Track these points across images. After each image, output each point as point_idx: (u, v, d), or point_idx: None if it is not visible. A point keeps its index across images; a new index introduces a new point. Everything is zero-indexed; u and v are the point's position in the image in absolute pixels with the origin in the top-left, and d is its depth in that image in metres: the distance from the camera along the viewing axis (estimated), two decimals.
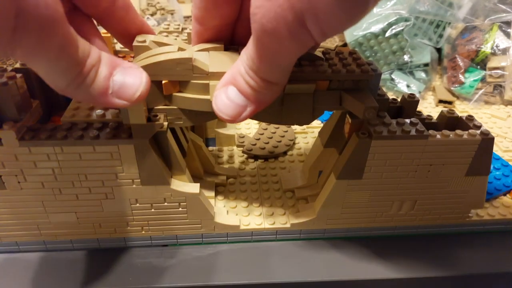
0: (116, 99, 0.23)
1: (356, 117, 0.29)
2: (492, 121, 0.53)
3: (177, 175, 0.31)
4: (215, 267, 0.32)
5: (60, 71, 0.20)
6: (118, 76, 0.22)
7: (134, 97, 0.23)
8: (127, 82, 0.23)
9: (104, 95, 0.22)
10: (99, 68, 0.22)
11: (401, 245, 0.35)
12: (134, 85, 0.23)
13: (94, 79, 0.21)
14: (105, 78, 0.22)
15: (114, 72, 0.22)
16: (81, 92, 0.22)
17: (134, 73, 0.23)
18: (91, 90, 0.22)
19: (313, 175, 0.37)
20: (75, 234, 0.32)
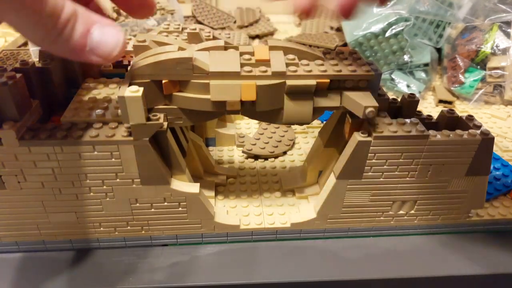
0: (93, 56, 0.23)
1: (356, 117, 0.29)
2: (492, 121, 0.53)
3: (177, 175, 0.31)
4: (215, 267, 0.32)
5: (30, 23, 0.21)
6: (96, 34, 0.23)
7: (111, 55, 0.24)
8: (105, 40, 0.23)
9: (81, 51, 0.23)
10: (76, 24, 0.22)
11: (401, 245, 0.35)
12: (111, 43, 0.23)
13: (71, 35, 0.22)
14: (82, 34, 0.22)
15: (91, 29, 0.23)
16: (57, 47, 0.22)
17: (111, 32, 0.23)
18: (67, 45, 0.22)
19: (313, 175, 0.37)
20: (75, 234, 0.32)
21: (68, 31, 0.22)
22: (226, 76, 0.27)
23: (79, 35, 0.22)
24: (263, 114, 0.29)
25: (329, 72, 0.28)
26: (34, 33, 0.22)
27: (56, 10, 0.21)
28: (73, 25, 0.22)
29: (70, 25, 0.22)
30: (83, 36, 0.22)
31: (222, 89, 0.27)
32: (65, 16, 0.21)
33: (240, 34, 0.73)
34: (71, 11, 0.22)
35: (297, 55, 0.29)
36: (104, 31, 0.23)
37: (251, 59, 0.27)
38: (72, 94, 0.33)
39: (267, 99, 0.28)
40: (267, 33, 0.76)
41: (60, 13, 0.21)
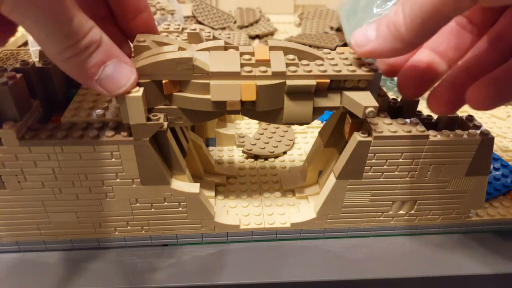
0: (99, 87, 0.23)
1: (356, 117, 0.29)
2: (492, 121, 0.53)
3: (177, 175, 0.31)
4: (215, 267, 0.32)
5: (48, 36, 0.21)
6: (109, 68, 0.23)
7: (115, 92, 0.24)
8: (115, 77, 0.23)
9: (89, 79, 0.23)
10: (95, 52, 0.22)
11: (401, 245, 0.35)
12: (120, 81, 0.23)
13: (86, 61, 0.22)
14: (97, 64, 0.22)
15: (108, 62, 0.23)
16: (67, 66, 0.22)
17: (125, 70, 0.24)
18: (78, 69, 0.22)
19: (313, 175, 0.37)
20: (75, 234, 0.32)
21: (85, 56, 0.22)
22: (226, 76, 0.27)
23: (93, 64, 0.22)
24: (263, 114, 0.29)
25: (329, 72, 0.28)
26: (50, 46, 0.21)
27: (79, 31, 0.21)
28: (92, 52, 0.22)
29: (89, 51, 0.22)
30: (97, 66, 0.22)
31: (222, 89, 0.27)
32: (87, 40, 0.21)
33: (240, 34, 0.73)
34: (95, 39, 0.22)
35: (297, 55, 0.29)
36: (118, 68, 0.23)
37: (251, 59, 0.27)
38: (72, 94, 0.33)
39: (267, 99, 0.28)
40: (267, 33, 0.76)
41: (83, 36, 0.21)
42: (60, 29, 0.20)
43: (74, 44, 0.21)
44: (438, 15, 0.21)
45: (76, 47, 0.21)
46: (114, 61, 0.23)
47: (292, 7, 0.90)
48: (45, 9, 0.19)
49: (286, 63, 0.28)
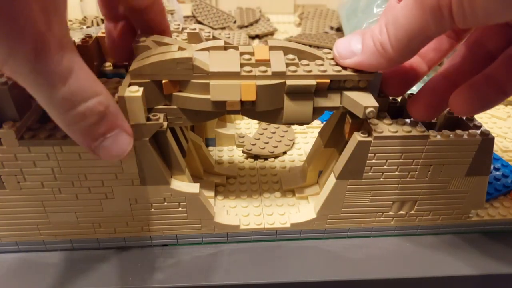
0: (92, 151, 0.23)
1: (356, 117, 0.29)
2: (492, 121, 0.53)
3: (177, 175, 0.31)
4: (215, 267, 0.32)
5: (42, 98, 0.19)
6: (108, 140, 0.22)
7: (108, 159, 0.23)
8: (112, 149, 0.23)
9: (86, 145, 0.22)
10: (97, 124, 0.21)
11: (401, 245, 0.35)
12: (116, 152, 0.23)
13: (85, 131, 0.21)
14: (97, 135, 0.22)
15: (109, 134, 0.22)
16: (66, 130, 0.21)
17: (123, 142, 0.23)
18: (77, 135, 0.21)
19: (313, 175, 0.37)
20: (75, 234, 0.32)
21: (85, 126, 0.21)
22: (226, 76, 0.27)
23: (94, 135, 0.21)
24: (263, 114, 0.29)
25: (329, 72, 0.28)
26: (46, 107, 0.20)
27: (75, 97, 0.20)
28: (93, 123, 0.21)
29: (89, 121, 0.21)
30: (97, 137, 0.22)
31: (222, 89, 0.27)
32: (86, 109, 0.20)
33: (240, 34, 0.73)
34: (99, 109, 0.21)
35: (297, 55, 0.29)
36: (117, 139, 0.23)
37: (251, 59, 0.27)
38: None
39: (267, 99, 0.28)
40: (267, 33, 0.76)
41: (80, 103, 0.20)
42: (51, 92, 0.19)
43: (69, 111, 0.20)
44: (422, 36, 0.22)
45: (73, 114, 0.20)
46: (116, 132, 0.22)
47: (292, 7, 0.90)
48: (32, 70, 0.18)
49: (286, 63, 0.28)
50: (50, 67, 0.18)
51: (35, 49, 0.17)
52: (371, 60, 0.25)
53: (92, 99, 0.20)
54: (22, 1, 0.17)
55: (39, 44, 0.18)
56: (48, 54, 0.18)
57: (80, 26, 0.65)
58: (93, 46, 0.35)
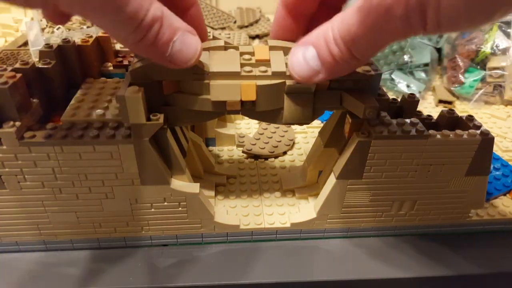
0: (169, 62, 0.23)
1: (356, 117, 0.29)
2: (492, 121, 0.53)
3: (177, 175, 0.31)
4: (215, 267, 0.32)
5: (111, 23, 0.20)
6: (177, 43, 0.23)
7: (187, 64, 0.24)
8: (185, 50, 0.23)
9: (161, 57, 0.23)
10: (160, 30, 0.22)
11: (401, 245, 0.35)
12: (190, 53, 0.24)
13: (153, 41, 0.22)
14: (165, 42, 0.22)
15: (175, 37, 0.23)
16: (138, 49, 0.22)
17: (191, 41, 0.24)
18: (148, 50, 0.22)
19: (313, 175, 0.37)
20: (75, 234, 0.32)
21: (152, 37, 0.22)
22: (226, 76, 0.27)
23: (162, 43, 0.22)
24: (263, 114, 0.29)
25: None
26: (116, 33, 0.21)
27: (139, 12, 0.20)
28: (157, 31, 0.22)
29: (154, 31, 0.22)
30: (166, 44, 0.22)
31: (222, 89, 0.27)
32: (149, 20, 0.21)
33: (240, 34, 0.73)
34: (156, 16, 0.21)
35: None
36: (185, 40, 0.23)
37: (251, 59, 0.27)
38: (72, 94, 0.33)
39: (267, 99, 0.28)
40: (267, 33, 0.76)
41: (144, 16, 0.21)
42: (119, 14, 0.20)
43: (138, 26, 0.21)
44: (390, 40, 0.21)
45: (141, 28, 0.21)
46: (180, 34, 0.23)
47: None
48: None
49: (286, 63, 0.28)
50: None
51: None
52: (337, 71, 0.24)
53: (151, 9, 0.21)
54: None
55: None
56: None
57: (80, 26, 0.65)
58: (93, 46, 0.35)
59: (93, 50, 0.35)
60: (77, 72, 0.34)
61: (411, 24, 0.19)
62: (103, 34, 0.36)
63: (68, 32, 0.61)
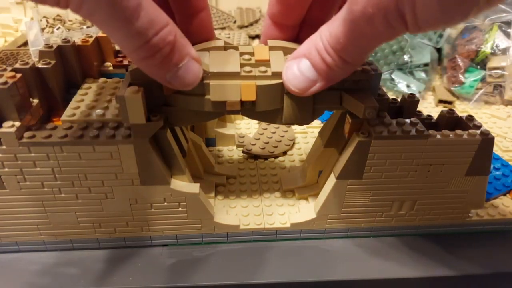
0: (168, 83, 0.23)
1: (356, 117, 0.29)
2: (492, 121, 0.53)
3: (177, 175, 0.31)
4: (215, 267, 0.32)
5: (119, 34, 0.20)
6: (182, 69, 0.23)
7: (182, 88, 0.24)
8: (185, 77, 0.23)
9: (162, 77, 0.23)
10: (170, 54, 0.22)
11: (401, 245, 0.35)
12: (189, 80, 0.24)
13: (161, 62, 0.22)
14: (171, 66, 0.22)
15: (181, 63, 0.23)
16: (143, 65, 0.22)
17: (194, 69, 0.24)
18: (153, 69, 0.22)
19: (313, 175, 0.37)
20: (75, 234, 0.32)
21: (160, 57, 0.21)
22: (226, 76, 0.27)
23: (167, 66, 0.22)
24: (263, 114, 0.29)
25: None
26: (123, 44, 0.21)
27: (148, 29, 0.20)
28: (166, 54, 0.21)
29: (164, 53, 0.21)
30: (171, 68, 0.22)
31: (222, 89, 0.27)
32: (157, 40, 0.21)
33: (240, 34, 0.73)
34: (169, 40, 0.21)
35: None
36: (189, 67, 0.23)
37: (251, 59, 0.27)
38: (72, 94, 0.33)
39: (267, 99, 0.28)
40: None
41: (153, 35, 0.20)
42: (127, 26, 0.20)
43: (146, 43, 0.20)
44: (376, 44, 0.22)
45: (148, 46, 0.21)
46: (187, 60, 0.23)
47: None
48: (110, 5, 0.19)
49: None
50: (123, 3, 0.19)
51: None
52: (334, 78, 0.25)
53: (163, 30, 0.21)
54: None
55: None
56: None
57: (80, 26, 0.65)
58: (93, 46, 0.35)
59: (93, 50, 0.35)
60: (77, 72, 0.34)
61: (394, 27, 0.20)
62: (103, 34, 0.36)
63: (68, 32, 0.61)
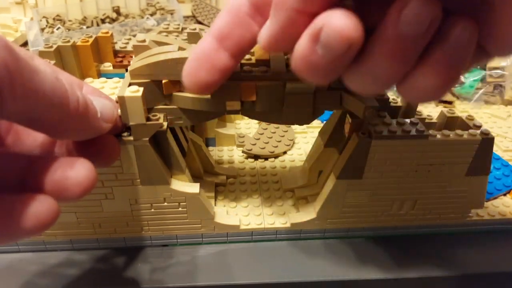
0: (104, 123, 0.22)
1: (356, 117, 0.29)
2: (492, 121, 0.53)
3: (177, 175, 0.31)
4: (215, 267, 0.32)
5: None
6: (96, 101, 0.22)
7: (114, 118, 0.23)
8: (105, 104, 0.22)
9: (96, 120, 0.21)
10: (77, 93, 0.20)
11: (401, 245, 0.35)
12: (110, 105, 0.23)
13: (78, 106, 0.19)
14: (89, 102, 0.21)
15: (91, 98, 0.21)
16: (74, 125, 0.20)
17: (102, 95, 0.23)
18: (82, 119, 0.20)
19: (313, 175, 0.37)
20: (75, 234, 0.32)
21: (74, 102, 0.19)
22: None
23: (87, 103, 0.20)
24: (263, 114, 0.29)
25: None
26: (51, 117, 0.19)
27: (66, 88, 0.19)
28: (78, 98, 0.20)
29: (76, 98, 0.20)
30: (90, 103, 0.21)
31: (222, 89, 0.27)
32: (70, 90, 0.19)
33: None
34: (67, 83, 0.19)
35: None
36: (97, 95, 0.22)
37: (251, 59, 0.27)
38: None
39: (267, 99, 0.28)
40: None
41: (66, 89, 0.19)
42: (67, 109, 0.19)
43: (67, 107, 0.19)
44: None
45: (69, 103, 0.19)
46: (86, 90, 0.22)
47: None
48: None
49: (286, 63, 0.27)
50: None
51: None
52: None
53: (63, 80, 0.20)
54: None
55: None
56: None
57: (80, 26, 0.65)
58: (93, 46, 0.35)
59: (92, 50, 0.35)
60: (76, 72, 0.34)
61: None
62: (102, 34, 0.36)
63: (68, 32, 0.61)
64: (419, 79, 0.18)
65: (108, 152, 0.24)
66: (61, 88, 0.18)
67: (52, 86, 0.18)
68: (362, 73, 0.19)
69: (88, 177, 0.20)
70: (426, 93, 0.19)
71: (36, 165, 0.20)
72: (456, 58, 0.17)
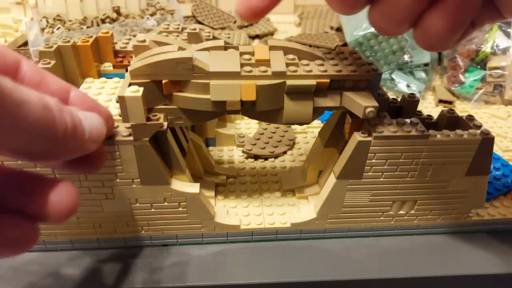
0: (91, 143, 0.21)
1: (356, 117, 0.29)
2: (492, 121, 0.53)
3: (177, 175, 0.31)
4: (215, 267, 0.32)
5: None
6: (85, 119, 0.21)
7: (102, 138, 0.22)
8: (94, 122, 0.21)
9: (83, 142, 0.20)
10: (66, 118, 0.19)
11: (401, 245, 0.35)
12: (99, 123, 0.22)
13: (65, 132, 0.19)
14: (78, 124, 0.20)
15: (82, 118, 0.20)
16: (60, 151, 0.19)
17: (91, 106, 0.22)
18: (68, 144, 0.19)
19: (313, 175, 0.37)
20: (75, 234, 0.32)
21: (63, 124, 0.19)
22: (226, 76, 0.27)
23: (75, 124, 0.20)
24: (263, 114, 0.29)
25: (329, 72, 0.28)
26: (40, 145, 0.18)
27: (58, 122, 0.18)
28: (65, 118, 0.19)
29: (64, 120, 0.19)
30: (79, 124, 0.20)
31: (222, 89, 0.27)
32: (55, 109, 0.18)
33: (240, 34, 0.73)
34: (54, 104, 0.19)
35: (297, 55, 0.29)
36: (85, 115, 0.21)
37: (251, 59, 0.27)
38: None
39: (267, 99, 0.28)
40: (267, 33, 0.76)
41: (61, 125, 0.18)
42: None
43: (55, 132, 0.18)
44: None
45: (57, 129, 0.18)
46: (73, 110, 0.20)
47: (292, 7, 0.90)
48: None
49: (286, 63, 0.28)
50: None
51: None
52: None
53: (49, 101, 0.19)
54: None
55: None
56: None
57: (80, 26, 0.65)
58: (93, 46, 0.35)
59: (92, 50, 0.35)
60: (76, 72, 0.34)
61: None
62: (103, 34, 0.36)
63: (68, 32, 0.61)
64: (432, 21, 0.20)
65: (94, 161, 0.23)
66: (48, 118, 0.18)
67: (39, 117, 0.17)
68: (383, 10, 0.21)
69: (71, 202, 0.20)
70: (438, 37, 0.21)
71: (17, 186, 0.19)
72: (467, 2, 0.20)
